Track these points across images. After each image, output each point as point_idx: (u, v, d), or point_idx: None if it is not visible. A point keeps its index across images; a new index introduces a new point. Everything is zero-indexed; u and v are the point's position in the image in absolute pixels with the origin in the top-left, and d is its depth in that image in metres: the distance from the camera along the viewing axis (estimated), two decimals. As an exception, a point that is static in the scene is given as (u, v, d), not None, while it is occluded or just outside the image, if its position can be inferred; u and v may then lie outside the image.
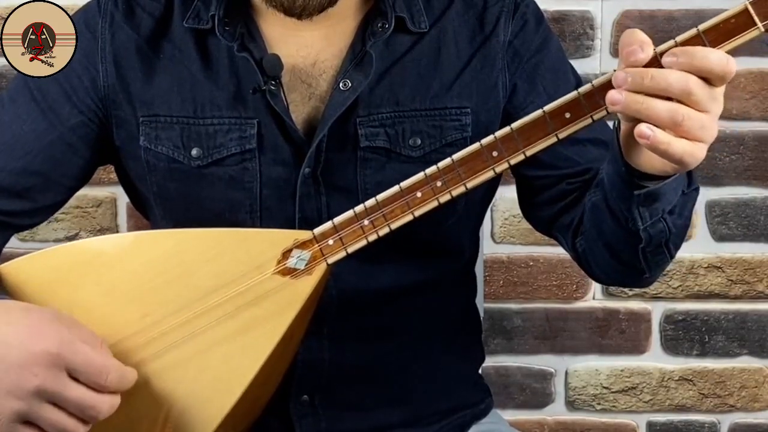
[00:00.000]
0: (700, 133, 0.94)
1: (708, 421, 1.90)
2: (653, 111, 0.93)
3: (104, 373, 0.99)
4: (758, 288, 1.86)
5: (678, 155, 0.94)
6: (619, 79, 0.94)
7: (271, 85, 1.16)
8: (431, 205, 1.04)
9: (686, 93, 0.93)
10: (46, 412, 0.99)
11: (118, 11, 1.22)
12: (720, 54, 0.93)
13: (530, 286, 1.86)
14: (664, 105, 0.93)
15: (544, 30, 1.26)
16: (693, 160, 0.95)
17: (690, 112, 0.93)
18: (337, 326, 1.21)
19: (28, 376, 0.98)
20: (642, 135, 0.94)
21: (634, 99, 0.94)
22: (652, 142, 0.94)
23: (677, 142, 0.94)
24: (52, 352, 0.98)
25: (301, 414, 1.23)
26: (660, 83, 0.93)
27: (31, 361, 0.98)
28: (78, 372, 0.99)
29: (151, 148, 1.20)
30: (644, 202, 1.05)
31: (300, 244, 1.07)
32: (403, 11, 1.20)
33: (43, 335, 0.99)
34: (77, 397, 0.99)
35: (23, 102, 1.21)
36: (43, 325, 1.00)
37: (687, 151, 0.94)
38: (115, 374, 1.00)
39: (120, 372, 1.01)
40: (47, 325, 1.00)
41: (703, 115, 0.94)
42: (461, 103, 1.21)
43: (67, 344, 0.99)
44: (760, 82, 1.80)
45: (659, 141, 0.93)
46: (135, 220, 1.80)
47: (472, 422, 1.33)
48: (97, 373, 0.99)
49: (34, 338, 0.98)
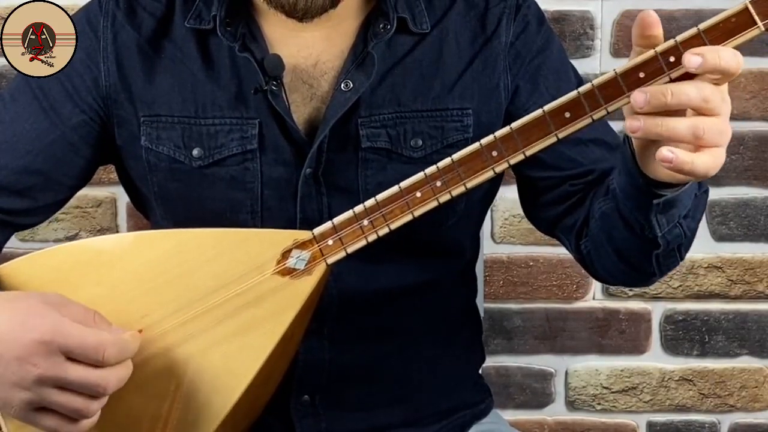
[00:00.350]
0: (720, 139, 0.95)
1: (708, 421, 1.90)
2: (674, 131, 0.93)
3: (100, 350, 0.99)
4: (758, 288, 1.86)
5: (703, 171, 0.95)
6: (639, 101, 0.93)
7: (273, 85, 1.16)
8: (431, 205, 1.04)
9: (705, 101, 0.93)
10: (54, 397, 0.99)
11: (120, 11, 1.22)
12: (731, 51, 0.93)
13: (530, 286, 1.86)
14: (684, 123, 0.93)
15: (546, 31, 1.26)
16: (716, 170, 0.96)
17: (707, 122, 0.93)
18: (337, 326, 1.21)
19: (27, 367, 0.98)
20: (665, 159, 0.93)
21: (654, 123, 0.93)
22: (676, 165, 0.93)
23: (699, 159, 0.94)
24: (44, 340, 0.98)
25: (301, 414, 1.23)
26: (681, 98, 0.92)
27: (26, 352, 0.98)
28: (74, 353, 0.99)
29: (152, 148, 1.20)
30: (662, 210, 1.05)
31: (299, 244, 1.07)
32: (405, 12, 1.20)
33: (32, 324, 0.99)
34: (79, 377, 0.99)
35: (25, 101, 1.21)
36: (30, 312, 1.00)
37: (710, 165, 0.95)
38: (111, 348, 0.99)
39: (117, 345, 1.00)
40: (35, 313, 1.00)
41: (718, 120, 0.94)
42: (463, 104, 1.21)
43: (58, 328, 0.98)
44: (760, 82, 1.80)
45: (683, 162, 0.93)
46: (135, 220, 1.80)
47: (473, 422, 1.33)
48: (93, 352, 0.99)
49: (23, 328, 0.99)
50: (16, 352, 0.98)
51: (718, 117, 0.94)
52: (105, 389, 1.00)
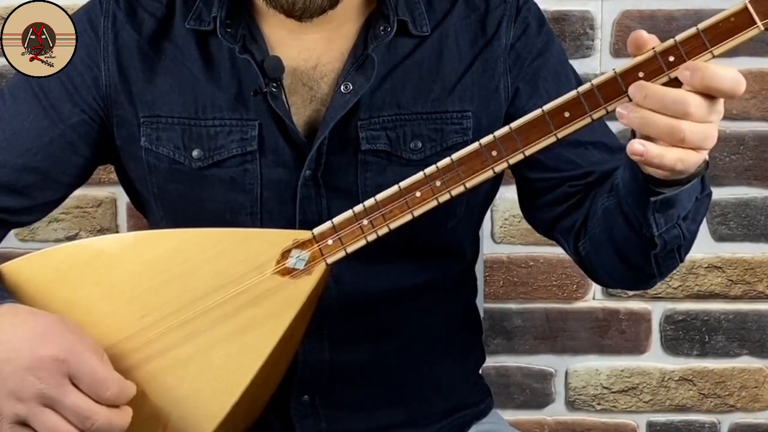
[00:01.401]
0: (704, 144, 0.96)
1: (708, 422, 1.90)
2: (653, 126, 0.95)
3: (105, 386, 1.00)
4: (758, 288, 1.86)
5: (671, 165, 0.96)
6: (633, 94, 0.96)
7: (273, 87, 1.16)
8: (430, 204, 1.04)
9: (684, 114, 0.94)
10: (45, 416, 0.99)
11: (120, 11, 1.22)
12: (733, 74, 0.93)
13: (530, 286, 1.86)
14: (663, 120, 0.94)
15: (546, 33, 1.26)
16: (685, 166, 0.97)
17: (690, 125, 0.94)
18: (337, 327, 1.21)
19: (32, 379, 0.99)
20: (635, 152, 0.96)
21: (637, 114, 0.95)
22: (646, 158, 0.95)
23: (670, 153, 0.95)
24: (59, 358, 0.99)
25: (301, 414, 1.23)
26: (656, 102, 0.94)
27: (37, 364, 0.99)
28: (81, 381, 1.00)
29: (151, 149, 1.20)
30: (660, 209, 1.05)
31: (299, 244, 1.07)
32: (405, 14, 1.20)
33: (50, 340, 1.00)
34: (76, 404, 0.99)
35: (24, 99, 1.21)
36: (51, 329, 1.01)
37: (683, 161, 0.96)
38: (115, 388, 1.01)
39: (120, 386, 1.02)
40: (55, 330, 1.01)
41: (704, 126, 0.95)
42: (462, 106, 1.21)
43: (75, 352, 1.00)
44: (760, 82, 1.80)
45: (652, 155, 0.95)
46: (135, 220, 1.80)
47: (473, 422, 1.33)
48: (99, 385, 1.00)
49: (42, 342, 1.00)
50: (27, 362, 0.99)
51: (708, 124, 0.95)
52: (93, 424, 1.00)
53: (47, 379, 0.98)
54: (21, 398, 0.99)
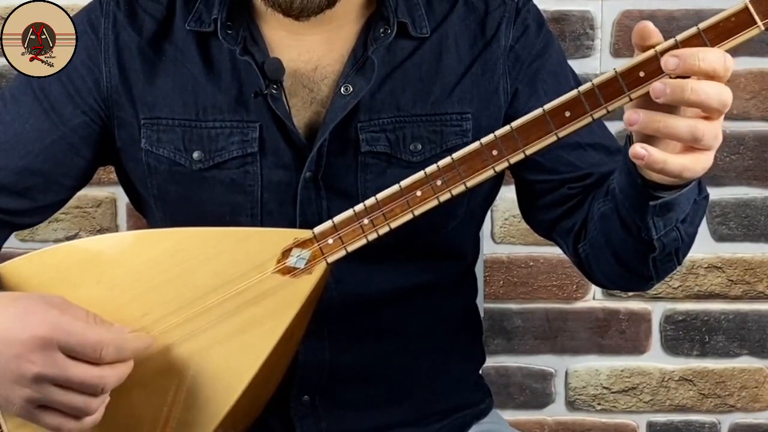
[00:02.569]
0: (714, 143, 0.95)
1: (708, 422, 1.90)
2: (673, 129, 0.93)
3: (98, 349, 1.00)
4: (758, 288, 1.86)
5: (677, 171, 0.95)
6: (658, 90, 0.93)
7: (273, 89, 1.16)
8: (431, 203, 1.04)
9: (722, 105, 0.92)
10: (54, 395, 1.00)
11: (121, 12, 1.22)
12: (716, 53, 0.92)
13: (530, 286, 1.86)
14: (684, 122, 0.93)
15: (546, 34, 1.26)
16: (694, 173, 0.96)
17: (706, 125, 0.93)
18: (337, 327, 1.21)
19: (26, 364, 0.99)
20: (637, 156, 0.94)
21: (653, 118, 0.93)
22: (648, 162, 0.94)
23: (674, 160, 0.94)
24: (41, 336, 0.99)
25: (301, 414, 1.23)
26: (700, 95, 0.92)
27: (24, 349, 0.99)
28: (74, 351, 0.99)
29: (152, 151, 1.20)
30: (659, 213, 1.05)
31: (300, 243, 1.07)
32: (405, 16, 1.20)
33: (30, 321, 1.00)
34: (78, 375, 0.99)
35: (25, 101, 1.21)
36: (31, 311, 1.01)
37: (687, 167, 0.95)
38: (110, 347, 1.00)
39: (115, 343, 1.01)
40: (35, 310, 1.01)
41: (715, 124, 0.94)
42: (462, 108, 1.21)
43: (60, 327, 0.99)
44: (760, 82, 1.80)
45: (655, 160, 0.94)
46: (135, 220, 1.80)
47: (473, 422, 1.33)
48: (92, 350, 1.00)
49: (22, 326, 0.99)
50: (15, 350, 0.99)
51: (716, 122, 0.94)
52: (104, 387, 1.00)
53: (41, 361, 0.99)
54: (24, 384, 0.99)
